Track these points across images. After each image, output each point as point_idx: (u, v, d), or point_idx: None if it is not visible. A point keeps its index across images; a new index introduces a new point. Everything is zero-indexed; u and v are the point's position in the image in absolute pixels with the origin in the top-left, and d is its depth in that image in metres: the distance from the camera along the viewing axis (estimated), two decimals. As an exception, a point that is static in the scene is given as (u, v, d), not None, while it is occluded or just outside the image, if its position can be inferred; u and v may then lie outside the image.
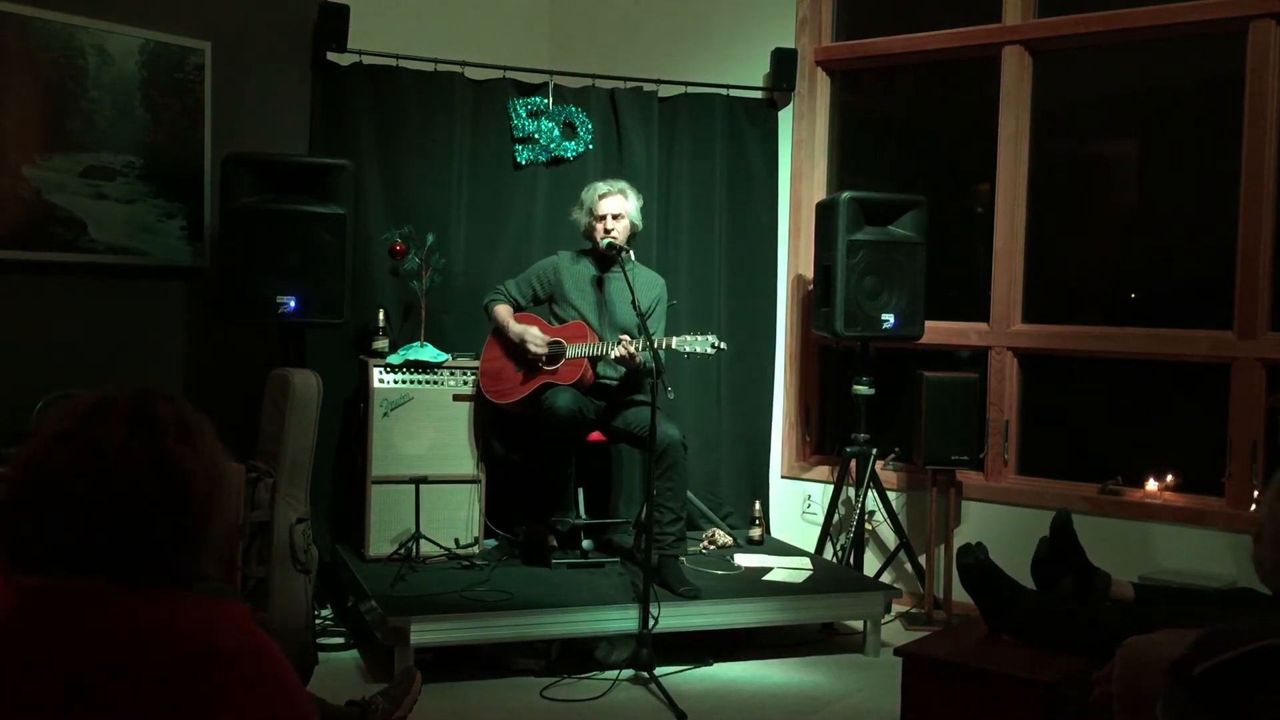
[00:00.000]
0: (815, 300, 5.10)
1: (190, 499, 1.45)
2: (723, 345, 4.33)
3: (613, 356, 4.41)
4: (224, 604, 1.45)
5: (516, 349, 4.60)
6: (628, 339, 4.36)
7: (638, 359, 4.36)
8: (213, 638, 1.40)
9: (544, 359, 4.54)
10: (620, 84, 5.39)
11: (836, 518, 5.08)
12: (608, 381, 4.64)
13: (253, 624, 1.45)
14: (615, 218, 4.55)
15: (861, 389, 4.96)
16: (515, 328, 4.59)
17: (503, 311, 4.65)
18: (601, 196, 4.57)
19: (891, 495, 5.08)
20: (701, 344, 4.28)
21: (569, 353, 4.52)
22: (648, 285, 4.63)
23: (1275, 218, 4.46)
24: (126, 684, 1.35)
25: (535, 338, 4.54)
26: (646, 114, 5.38)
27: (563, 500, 4.68)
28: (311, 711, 1.49)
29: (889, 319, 4.86)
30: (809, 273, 5.32)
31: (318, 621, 4.30)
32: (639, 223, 4.66)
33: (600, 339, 4.54)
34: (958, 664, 2.94)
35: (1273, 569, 1.65)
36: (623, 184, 4.65)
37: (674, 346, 4.28)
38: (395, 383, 4.67)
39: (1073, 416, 5.14)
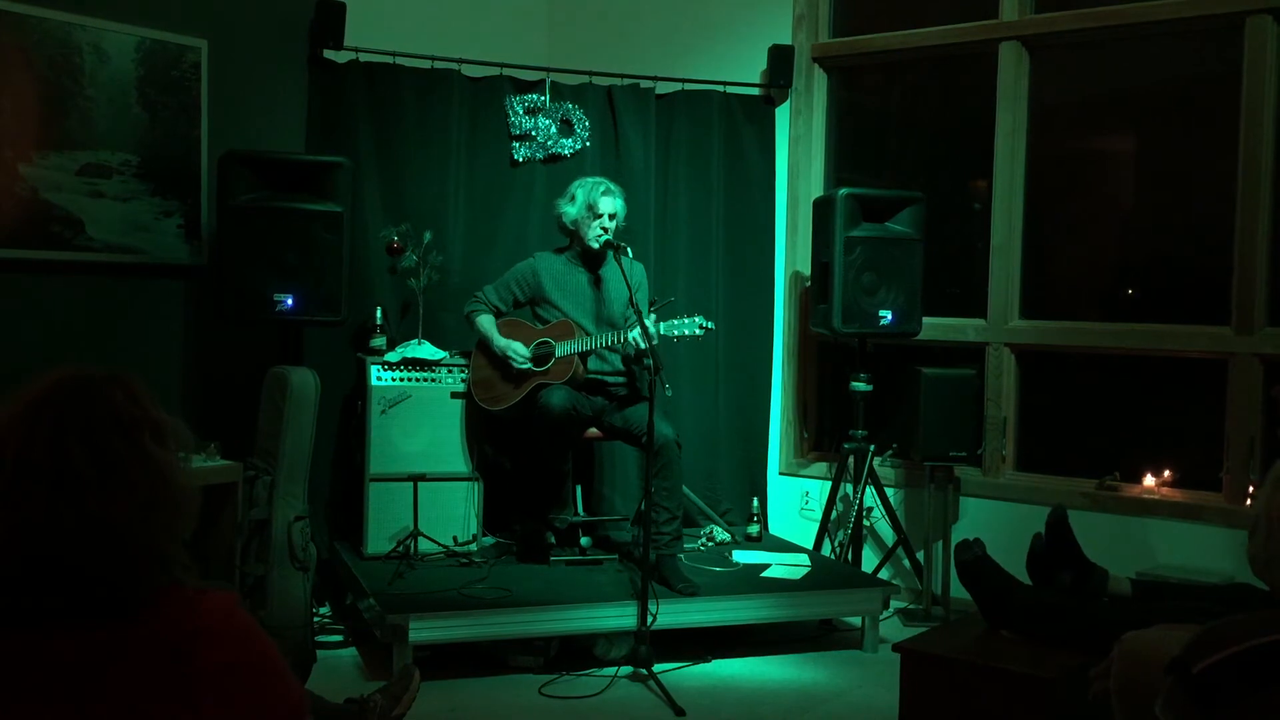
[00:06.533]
0: (813, 297, 5.10)
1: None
2: (710, 325, 4.33)
3: (643, 346, 4.19)
4: (208, 590, 1.43)
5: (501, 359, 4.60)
6: (646, 326, 4.29)
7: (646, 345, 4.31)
8: (197, 619, 1.39)
9: (530, 370, 4.54)
10: (617, 81, 5.38)
11: (834, 514, 5.08)
12: (601, 378, 4.64)
13: (238, 607, 1.43)
14: (612, 217, 4.56)
15: (859, 385, 4.96)
16: (499, 342, 4.58)
17: (485, 322, 4.64)
18: (603, 194, 4.55)
19: (889, 492, 5.08)
20: (690, 326, 4.28)
21: (558, 351, 4.52)
22: (633, 272, 4.62)
23: (1272, 213, 4.46)
24: (112, 670, 1.35)
25: (518, 353, 4.54)
26: (644, 111, 5.38)
27: (560, 497, 4.68)
28: (302, 696, 1.48)
29: (887, 315, 4.86)
30: (806, 270, 5.32)
31: (316, 619, 4.31)
32: (624, 223, 4.67)
33: (588, 334, 4.54)
34: (956, 660, 2.94)
35: (1267, 563, 1.65)
36: (614, 183, 4.64)
37: (663, 332, 4.28)
38: (393, 380, 4.67)
39: (1070, 412, 5.14)
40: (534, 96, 5.23)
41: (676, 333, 4.29)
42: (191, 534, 1.48)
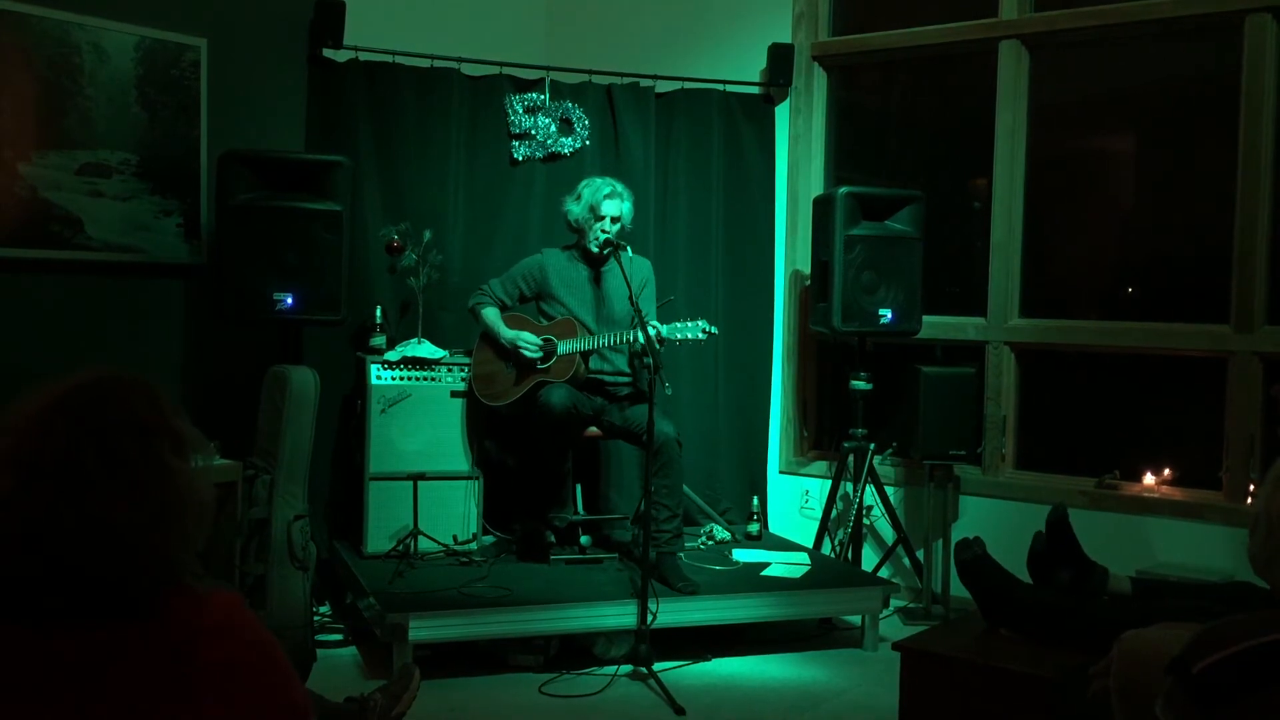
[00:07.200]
0: (813, 296, 5.10)
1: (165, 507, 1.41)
2: (714, 329, 4.34)
3: (656, 339, 4.22)
4: (211, 590, 1.43)
5: (508, 351, 4.59)
6: (655, 326, 4.30)
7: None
8: (199, 619, 1.38)
9: (539, 360, 4.54)
10: (617, 80, 5.38)
11: (834, 513, 5.08)
12: (601, 377, 4.64)
13: (241, 607, 1.42)
14: (614, 220, 4.55)
15: (859, 384, 4.96)
16: (507, 334, 4.58)
17: (491, 314, 4.64)
18: (606, 196, 4.55)
19: (889, 490, 5.08)
20: (693, 329, 4.29)
21: (560, 349, 4.53)
22: (637, 269, 4.63)
23: (1272, 211, 4.46)
24: (112, 670, 1.35)
25: (529, 342, 4.54)
26: (643, 110, 5.38)
27: (560, 496, 4.68)
28: (306, 696, 1.47)
29: (886, 314, 4.86)
30: (806, 268, 5.32)
31: (316, 618, 4.30)
32: (629, 225, 4.66)
33: (591, 333, 4.54)
34: (956, 659, 2.94)
35: (1268, 562, 1.65)
36: (621, 185, 4.64)
37: (665, 335, 4.28)
38: (393, 379, 4.67)
39: (1070, 411, 5.14)
40: (533, 95, 5.23)
41: (679, 335, 4.29)
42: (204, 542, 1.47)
